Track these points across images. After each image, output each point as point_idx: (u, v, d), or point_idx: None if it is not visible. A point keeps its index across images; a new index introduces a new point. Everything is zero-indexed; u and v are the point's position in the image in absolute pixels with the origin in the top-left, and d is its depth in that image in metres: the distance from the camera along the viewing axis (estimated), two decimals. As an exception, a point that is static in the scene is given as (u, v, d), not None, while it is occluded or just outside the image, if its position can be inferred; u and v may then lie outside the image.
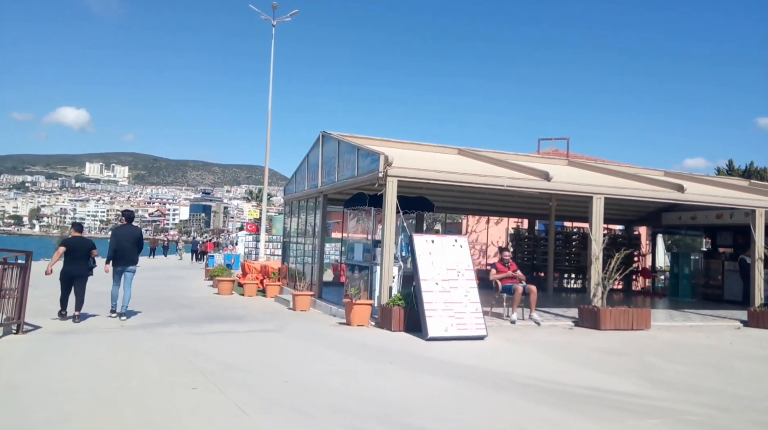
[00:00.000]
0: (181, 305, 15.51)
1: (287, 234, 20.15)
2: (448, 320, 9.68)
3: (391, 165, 11.11)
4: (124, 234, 12.02)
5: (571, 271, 22.91)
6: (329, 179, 14.83)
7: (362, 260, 12.74)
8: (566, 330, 11.61)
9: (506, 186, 11.95)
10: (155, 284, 22.62)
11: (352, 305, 11.24)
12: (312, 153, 16.73)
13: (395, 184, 11.26)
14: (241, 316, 13.24)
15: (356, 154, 12.77)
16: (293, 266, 18.80)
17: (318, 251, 15.69)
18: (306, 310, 14.85)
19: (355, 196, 13.35)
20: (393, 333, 10.25)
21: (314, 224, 16.71)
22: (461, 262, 10.42)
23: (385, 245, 11.19)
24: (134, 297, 16.46)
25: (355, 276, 13.00)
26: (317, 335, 10.12)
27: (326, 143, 15.36)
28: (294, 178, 18.78)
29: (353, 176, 12.89)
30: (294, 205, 19.25)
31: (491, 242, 28.46)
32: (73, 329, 10.38)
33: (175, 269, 34.82)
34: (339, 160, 14.06)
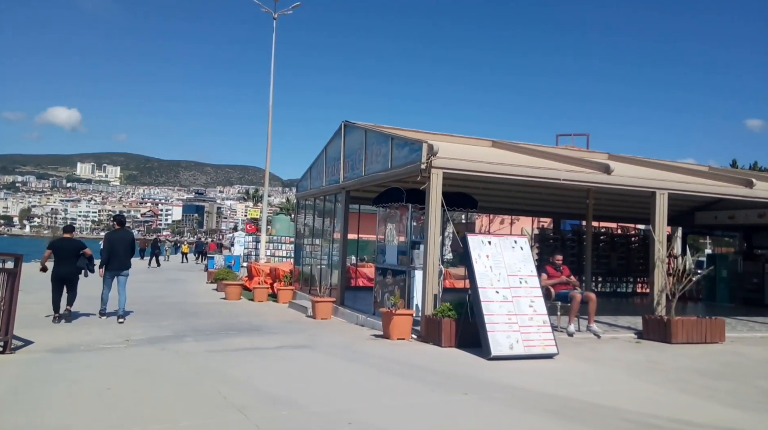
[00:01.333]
0: (189, 312, 14.04)
1: (300, 234, 18.66)
2: (512, 335, 8.24)
3: (435, 155, 9.68)
4: (117, 239, 12.16)
5: (599, 274, 21.51)
6: (354, 174, 13.38)
7: (396, 264, 11.30)
8: (633, 344, 10.21)
9: (563, 179, 10.55)
10: (157, 287, 21.11)
11: (391, 316, 9.80)
12: (331, 145, 15.27)
13: (440, 176, 9.83)
14: (258, 326, 11.79)
15: (390, 145, 11.33)
16: (307, 269, 17.33)
17: (340, 253, 14.24)
18: (327, 318, 13.44)
19: (387, 191, 11.89)
20: (444, 350, 8.81)
21: (333, 223, 15.26)
22: (523, 266, 8.99)
23: (429, 246, 9.76)
24: (138, 303, 15.36)
25: (387, 281, 11.56)
26: (358, 352, 8.65)
27: (350, 134, 13.90)
28: (309, 174, 17.31)
29: (386, 169, 11.45)
30: (308, 203, 17.77)
31: None
32: (71, 344, 8.89)
33: (175, 271, 33.28)
34: (366, 152, 12.62)
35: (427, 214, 9.82)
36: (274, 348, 8.84)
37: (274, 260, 38.45)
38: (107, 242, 12.17)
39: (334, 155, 14.99)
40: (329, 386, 6.46)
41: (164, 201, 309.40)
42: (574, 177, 10.68)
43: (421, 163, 9.82)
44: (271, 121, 37.73)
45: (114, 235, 12.34)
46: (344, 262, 14.21)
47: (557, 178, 10.52)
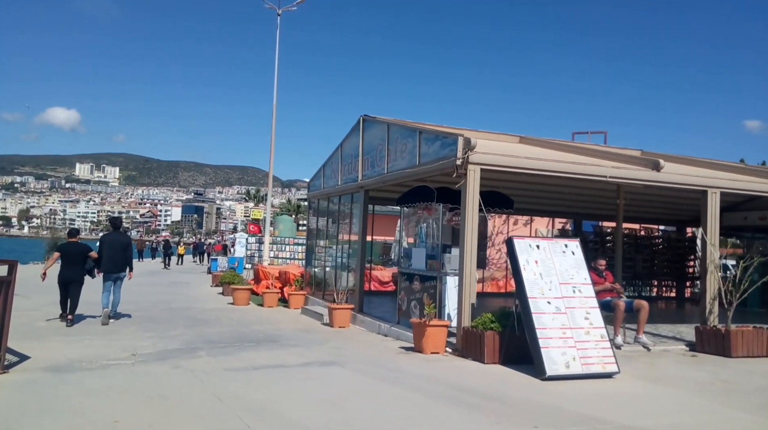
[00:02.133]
0: (197, 320, 13.12)
1: (312, 236, 17.74)
2: (568, 352, 7.31)
3: (473, 150, 8.77)
4: (112, 241, 12.13)
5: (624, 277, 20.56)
6: (374, 171, 12.46)
7: (425, 269, 10.37)
8: (689, 358, 9.30)
9: (609, 177, 9.63)
10: (159, 291, 20.19)
11: (424, 327, 8.88)
12: (348, 142, 14.35)
13: (477, 173, 8.92)
14: (274, 336, 10.88)
15: (417, 140, 10.42)
16: (320, 272, 16.42)
17: (359, 256, 13.31)
18: (345, 326, 12.54)
19: (414, 190, 10.97)
20: (488, 367, 7.88)
21: (350, 224, 14.35)
22: (576, 273, 8.05)
23: (466, 250, 8.84)
24: (142, 309, 14.46)
25: (414, 288, 10.64)
26: (394, 370, 7.72)
27: (369, 129, 12.98)
28: (322, 173, 16.39)
29: (412, 166, 10.54)
30: (321, 203, 16.85)
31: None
32: (71, 360, 7.97)
33: (176, 273, 32.34)
34: (389, 149, 11.71)
35: (464, 214, 8.90)
36: (299, 365, 7.90)
37: (278, 261, 37.57)
38: (101, 244, 12.11)
39: (351, 152, 14.07)
40: (373, 418, 5.53)
41: (163, 202, 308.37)
42: (620, 174, 9.76)
43: (456, 158, 8.90)
44: (275, 120, 36.88)
45: (108, 237, 12.32)
46: (363, 266, 13.30)
47: (604, 175, 9.60)
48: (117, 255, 12.05)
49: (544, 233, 26.00)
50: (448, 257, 10.00)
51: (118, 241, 12.26)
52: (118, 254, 12.07)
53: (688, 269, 21.13)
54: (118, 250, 12.10)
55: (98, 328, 11.45)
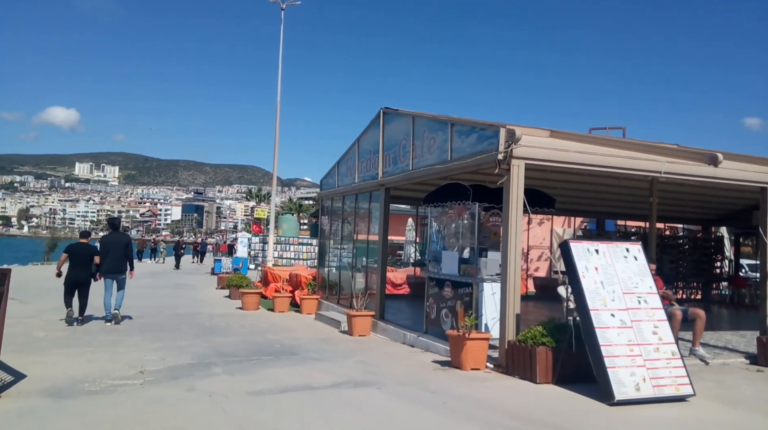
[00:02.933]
0: (206, 327, 12.25)
1: (325, 237, 16.85)
2: (637, 372, 6.43)
3: (517, 142, 7.89)
4: (112, 242, 12.10)
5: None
6: (397, 168, 11.58)
7: (458, 274, 9.48)
8: (755, 373, 8.45)
9: (663, 173, 8.75)
10: (163, 294, 19.30)
11: (463, 341, 8.00)
12: (366, 137, 13.46)
13: (522, 169, 8.05)
14: (293, 347, 10.02)
15: (449, 133, 9.54)
16: (334, 275, 15.53)
17: (379, 258, 12.42)
18: (365, 334, 11.69)
19: (444, 188, 10.08)
20: (542, 388, 7.01)
21: (369, 224, 13.48)
22: (640, 281, 7.17)
23: (509, 254, 7.96)
24: (147, 315, 13.67)
25: (445, 295, 9.75)
26: (438, 393, 6.82)
27: (391, 123, 12.10)
28: (336, 170, 15.50)
29: (443, 162, 9.66)
30: (335, 202, 15.97)
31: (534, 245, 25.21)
32: (73, 380, 7.09)
33: (178, 274, 31.44)
34: (414, 143, 10.83)
35: (507, 214, 8.03)
36: (330, 387, 7.00)
37: (282, 262, 36.68)
38: (101, 246, 12.13)
39: (369, 148, 13.19)
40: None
41: (163, 201, 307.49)
42: (676, 170, 8.87)
43: (497, 152, 8.03)
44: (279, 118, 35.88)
45: (108, 238, 12.32)
46: (384, 269, 12.41)
47: (658, 171, 8.72)
48: (118, 255, 12.02)
49: (561, 233, 25.13)
50: (485, 261, 9.13)
51: (118, 241, 12.25)
52: (118, 254, 12.04)
53: (715, 270, 20.27)
54: (118, 250, 12.07)
55: (101, 336, 10.62)
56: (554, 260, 23.73)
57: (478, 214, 9.17)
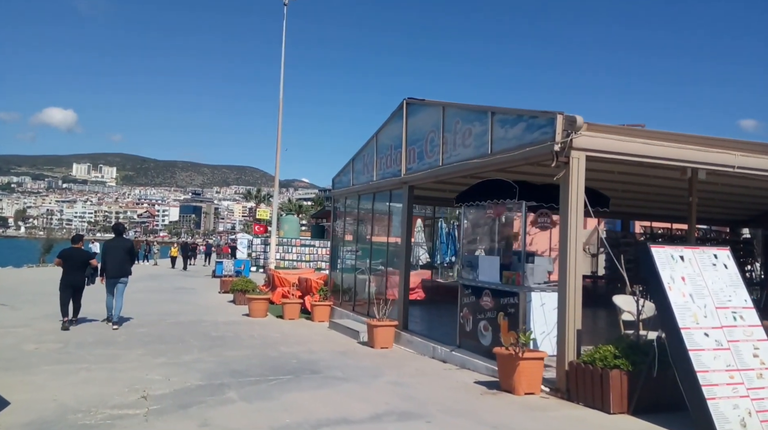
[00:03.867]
0: (213, 338, 11.20)
1: (338, 238, 15.79)
2: (740, 403, 5.36)
3: (578, 131, 6.84)
4: (114, 247, 12.33)
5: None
6: (423, 164, 10.53)
7: (499, 282, 8.42)
8: None
9: (736, 168, 7.73)
10: (164, 299, 18.22)
11: (515, 361, 6.94)
12: (386, 131, 12.41)
13: (582, 162, 7.02)
14: (312, 363, 8.97)
15: (489, 123, 8.49)
16: (348, 279, 14.48)
17: (402, 262, 11.36)
18: (388, 347, 10.67)
19: (483, 184, 9.01)
20: (617, 419, 5.95)
21: (389, 225, 12.44)
22: (734, 294, 6.09)
23: (569, 260, 6.92)
24: (148, 323, 12.81)
25: (483, 305, 8.69)
26: (499, 428, 5.74)
27: (416, 115, 11.05)
28: (351, 167, 14.43)
29: (482, 156, 8.60)
30: (349, 202, 14.91)
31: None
32: (64, 408, 6.05)
33: (178, 277, 30.31)
34: (445, 136, 9.79)
35: (566, 214, 6.98)
36: (370, 420, 5.89)
37: (284, 264, 35.60)
38: (104, 250, 12.51)
39: (389, 143, 12.14)
40: None
41: (161, 202, 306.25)
42: (750, 164, 7.85)
43: (553, 143, 6.98)
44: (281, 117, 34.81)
45: (110, 243, 12.56)
46: (407, 275, 11.34)
47: (731, 165, 7.69)
48: (119, 260, 12.17)
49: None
50: (531, 267, 8.08)
51: (120, 246, 12.40)
52: (120, 259, 12.19)
53: (745, 274, 19.23)
54: (121, 255, 12.21)
55: (97, 349, 9.62)
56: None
57: (525, 214, 8.10)
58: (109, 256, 12.22)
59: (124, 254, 12.28)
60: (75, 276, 11.83)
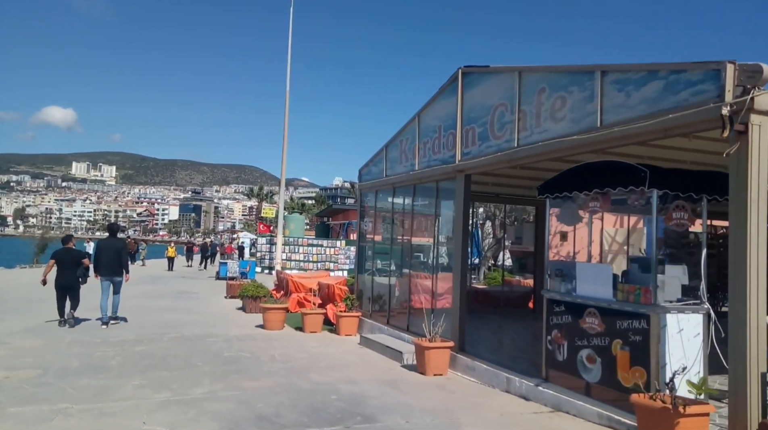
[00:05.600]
0: (226, 361, 9.15)
1: (365, 238, 13.69)
2: None
3: (762, 86, 4.76)
4: (107, 246, 12.42)
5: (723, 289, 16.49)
6: (488, 146, 8.45)
7: (612, 298, 6.32)
8: None
9: None
10: (166, 306, 16.13)
11: (673, 419, 4.83)
12: (432, 110, 10.32)
13: (766, 130, 4.91)
14: (358, 402, 6.90)
15: (597, 86, 6.43)
16: (381, 286, 12.40)
17: (457, 268, 9.26)
18: (442, 373, 8.64)
19: (587, 168, 6.86)
20: None
21: (437, 221, 10.37)
22: None
23: (749, 270, 4.84)
24: (147, 340, 10.94)
25: (586, 328, 6.60)
26: None
27: (477, 86, 8.95)
28: (384, 156, 12.35)
29: (588, 129, 6.51)
30: (381, 196, 12.82)
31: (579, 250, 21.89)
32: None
33: (177, 279, 28.18)
34: (522, 109, 7.72)
35: (743, 207, 4.89)
36: None
37: (290, 264, 33.55)
38: (97, 249, 12.50)
39: (437, 123, 10.05)
40: None
41: (160, 200, 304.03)
42: None
43: (722, 104, 4.89)
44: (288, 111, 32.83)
45: (104, 242, 12.73)
46: (463, 282, 9.25)
47: None
48: (112, 260, 12.22)
49: (613, 234, 21.95)
50: (662, 279, 5.98)
51: (113, 246, 12.47)
52: (113, 258, 12.23)
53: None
54: (113, 254, 12.26)
55: (84, 379, 7.65)
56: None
57: (656, 204, 5.98)
58: (102, 255, 12.24)
59: (117, 253, 12.32)
60: (67, 276, 11.85)
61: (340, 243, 35.14)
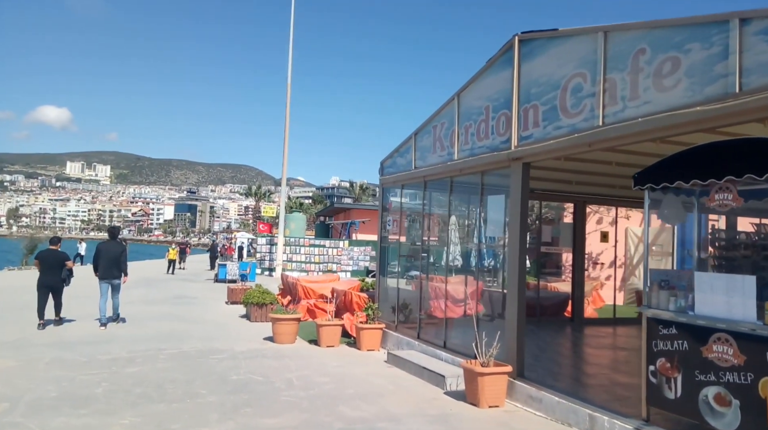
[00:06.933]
0: (236, 387, 7.59)
1: (387, 238, 12.10)
2: None
3: None
4: (107, 250, 12.48)
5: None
6: (560, 126, 6.90)
7: (756, 321, 4.76)
8: None
9: None
10: (163, 314, 14.52)
11: None
12: (478, 87, 8.75)
13: None
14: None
15: (735, 38, 4.89)
16: (408, 293, 10.85)
17: (515, 274, 7.68)
18: (498, 405, 7.10)
19: (709, 150, 5.29)
20: None
21: (480, 216, 8.82)
22: None
23: None
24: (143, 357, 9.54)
25: (712, 360, 5.05)
26: None
27: (539, 54, 7.41)
28: (411, 145, 10.79)
29: (719, 97, 4.97)
30: (410, 190, 11.26)
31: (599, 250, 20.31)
32: None
33: (174, 281, 26.54)
34: (607, 78, 6.20)
35: None
36: None
37: (291, 265, 31.98)
38: (97, 252, 12.52)
39: (484, 103, 8.49)
40: None
41: (155, 200, 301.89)
42: None
43: None
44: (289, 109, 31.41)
45: (103, 245, 12.63)
46: (522, 291, 7.67)
47: None
48: (112, 263, 12.34)
49: (639, 234, 20.43)
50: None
51: (112, 249, 12.52)
52: (113, 261, 12.34)
53: None
54: (112, 257, 12.36)
55: (58, 417, 6.07)
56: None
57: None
58: (101, 258, 12.32)
59: (117, 257, 12.39)
60: (50, 277, 11.83)
61: (343, 243, 33.64)
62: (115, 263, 12.35)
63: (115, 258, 12.37)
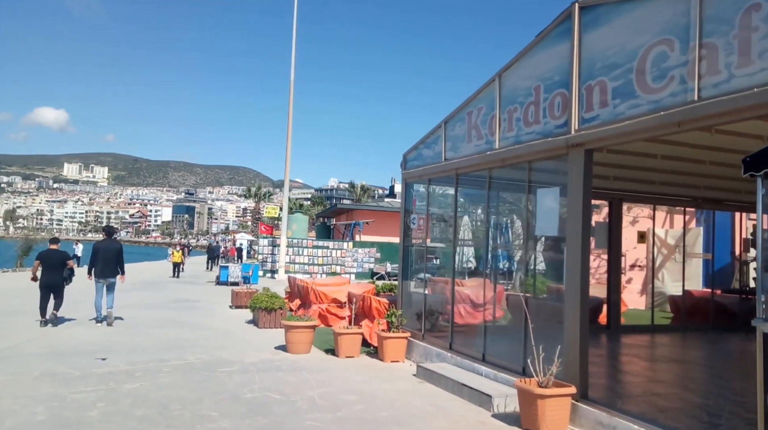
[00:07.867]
0: (251, 409, 6.56)
1: (410, 237, 11.02)
2: None
3: None
4: (104, 248, 12.45)
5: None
6: (638, 104, 5.84)
7: None
8: None
9: None
10: (164, 321, 13.43)
11: None
12: (525, 64, 7.69)
13: None
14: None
15: None
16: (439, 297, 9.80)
17: (576, 280, 6.61)
18: None
19: None
20: None
21: (525, 212, 7.76)
22: None
23: None
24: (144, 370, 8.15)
25: None
26: None
27: (605, 23, 6.34)
28: (441, 134, 9.73)
29: None
30: (438, 186, 10.21)
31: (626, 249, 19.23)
32: None
33: (174, 284, 25.45)
34: (704, 43, 5.15)
35: None
36: None
37: (294, 267, 30.93)
38: (94, 251, 12.47)
39: (533, 83, 7.44)
40: None
41: (153, 202, 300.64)
42: None
43: None
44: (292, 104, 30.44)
45: (100, 244, 12.62)
46: (584, 300, 6.60)
47: None
48: (109, 261, 12.31)
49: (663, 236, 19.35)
50: None
51: (110, 248, 12.49)
52: (109, 260, 12.30)
53: None
54: (110, 256, 12.34)
55: None
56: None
57: None
58: (98, 257, 12.27)
59: (114, 256, 12.39)
60: (52, 276, 11.93)
61: (347, 245, 32.63)
62: (113, 261, 12.33)
63: (113, 257, 12.35)
